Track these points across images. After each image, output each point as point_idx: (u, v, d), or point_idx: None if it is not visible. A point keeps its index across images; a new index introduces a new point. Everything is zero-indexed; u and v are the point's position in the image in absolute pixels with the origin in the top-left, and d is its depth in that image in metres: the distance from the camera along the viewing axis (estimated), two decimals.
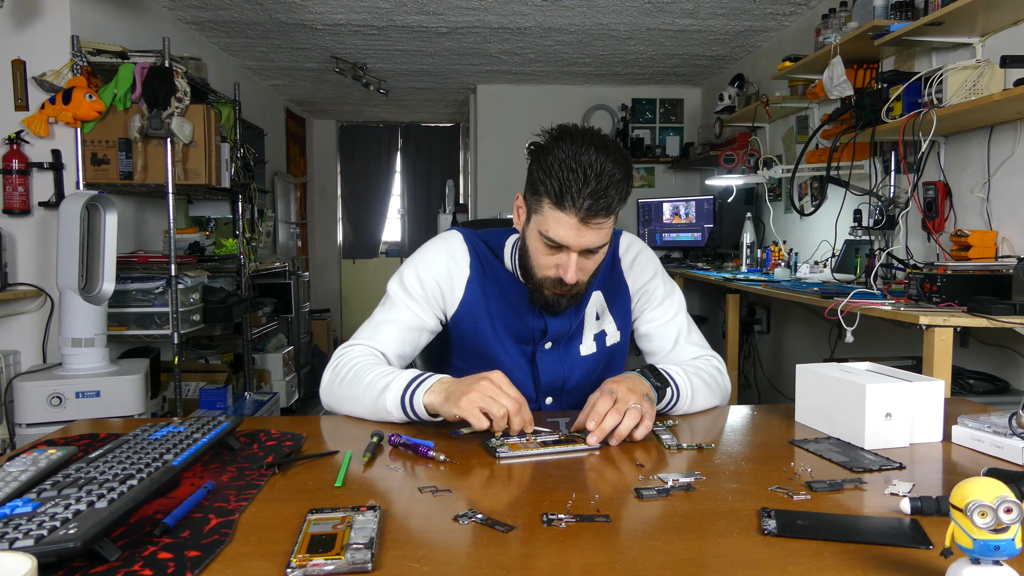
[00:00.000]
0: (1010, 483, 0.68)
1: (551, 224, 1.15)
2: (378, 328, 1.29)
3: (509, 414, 1.01)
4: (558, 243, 1.16)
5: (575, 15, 4.00)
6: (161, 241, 3.59)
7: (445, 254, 1.33)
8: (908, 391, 1.04)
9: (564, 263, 1.18)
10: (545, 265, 1.21)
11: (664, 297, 1.40)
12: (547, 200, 1.14)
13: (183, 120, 2.92)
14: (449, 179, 7.58)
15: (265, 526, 0.76)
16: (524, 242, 1.25)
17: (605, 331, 1.37)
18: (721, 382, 1.31)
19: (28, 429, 2.40)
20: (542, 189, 1.14)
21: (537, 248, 1.21)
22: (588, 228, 1.13)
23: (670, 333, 1.37)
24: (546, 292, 1.24)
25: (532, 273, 1.24)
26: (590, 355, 1.36)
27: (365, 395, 1.15)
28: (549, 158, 1.13)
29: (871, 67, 3.01)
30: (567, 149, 1.12)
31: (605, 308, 1.37)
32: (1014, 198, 2.37)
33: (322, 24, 4.14)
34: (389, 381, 1.13)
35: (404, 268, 1.34)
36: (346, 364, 1.22)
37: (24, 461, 0.86)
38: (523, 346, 1.34)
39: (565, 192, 1.11)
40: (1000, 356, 2.42)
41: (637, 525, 0.77)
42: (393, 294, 1.32)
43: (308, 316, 5.42)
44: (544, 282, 1.23)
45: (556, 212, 1.13)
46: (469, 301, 1.32)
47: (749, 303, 4.44)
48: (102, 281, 2.60)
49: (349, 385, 1.18)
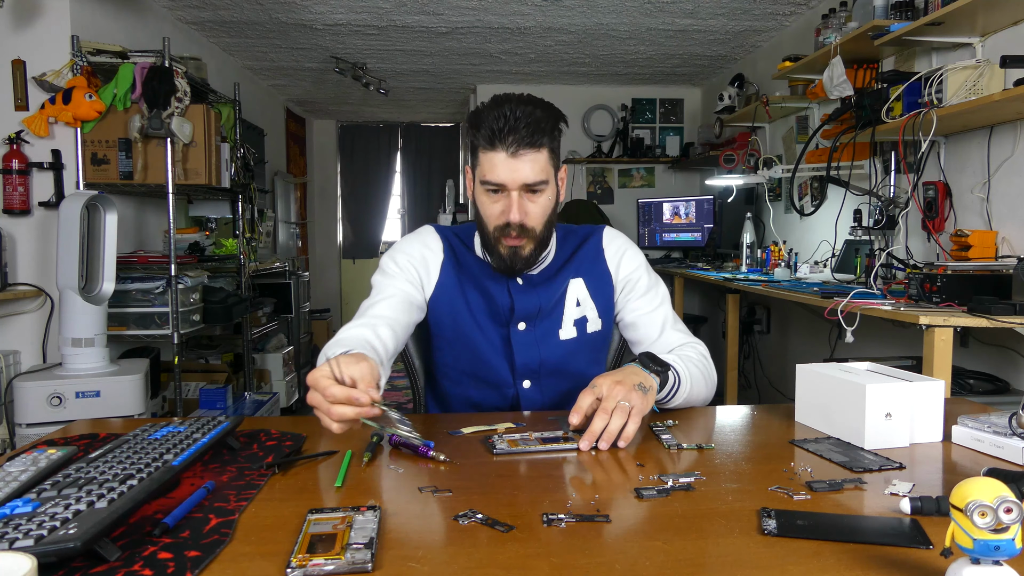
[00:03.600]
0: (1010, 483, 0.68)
1: (487, 168, 1.24)
2: (372, 306, 1.31)
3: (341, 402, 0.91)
4: (496, 184, 1.24)
5: (575, 15, 3.99)
6: (161, 241, 3.59)
7: (418, 243, 1.41)
8: (908, 391, 1.04)
9: (506, 205, 1.25)
10: (492, 214, 1.27)
11: (648, 288, 1.42)
12: (480, 149, 1.24)
13: (183, 120, 2.92)
14: (449, 179, 7.58)
15: (265, 526, 0.76)
16: (476, 209, 1.32)
17: (586, 317, 1.39)
18: (710, 371, 1.33)
19: (28, 429, 2.40)
20: (476, 142, 1.25)
21: (483, 201, 1.28)
22: (519, 161, 1.22)
23: (655, 321, 1.39)
24: (501, 250, 1.29)
25: (485, 232, 1.30)
26: (570, 339, 1.38)
27: None
28: (479, 114, 1.25)
29: (871, 67, 3.01)
30: (493, 104, 1.25)
31: (587, 296, 1.40)
32: (1014, 198, 2.37)
33: (322, 24, 4.14)
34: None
35: (382, 261, 1.42)
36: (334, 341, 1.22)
37: (24, 461, 0.86)
38: (499, 328, 1.37)
39: (493, 133, 1.21)
40: (1000, 356, 2.42)
41: (637, 525, 0.77)
42: (376, 282, 1.38)
43: (308, 316, 5.42)
44: (496, 236, 1.28)
45: (488, 154, 1.23)
46: (444, 284, 1.37)
47: (749, 303, 4.44)
48: (102, 281, 2.60)
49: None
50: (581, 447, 1.02)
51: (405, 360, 1.55)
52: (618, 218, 5.57)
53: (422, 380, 1.55)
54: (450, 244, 1.41)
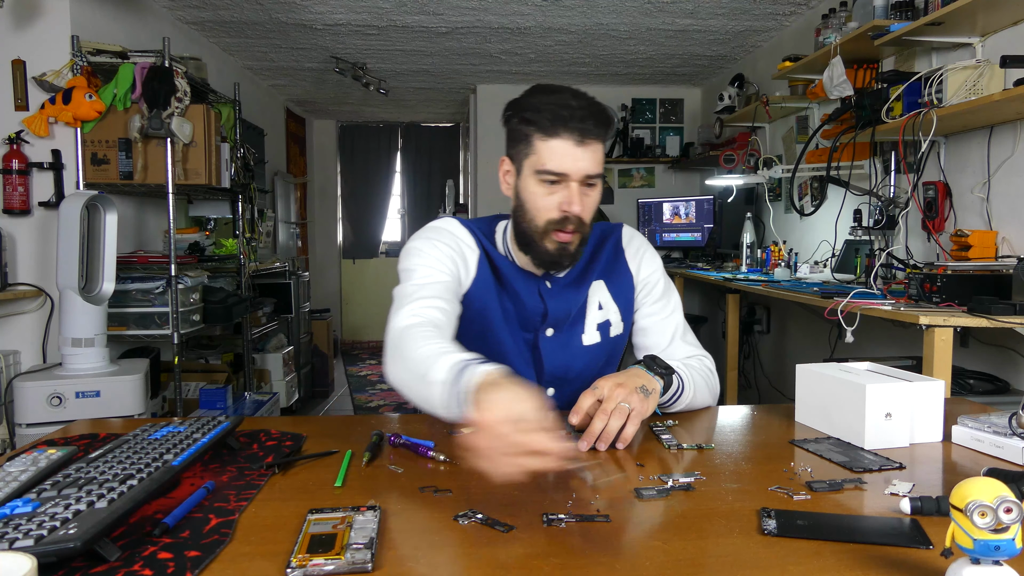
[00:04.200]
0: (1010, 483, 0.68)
1: (546, 157, 1.16)
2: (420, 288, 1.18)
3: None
4: (557, 173, 1.16)
5: (575, 15, 3.99)
6: (161, 241, 3.59)
7: (450, 235, 1.29)
8: (908, 391, 1.04)
9: (566, 196, 1.17)
10: (547, 207, 1.19)
11: (664, 293, 1.39)
12: (538, 136, 1.16)
13: (183, 120, 2.92)
14: (449, 179, 7.58)
15: (265, 526, 0.76)
16: (518, 201, 1.23)
17: (609, 321, 1.34)
18: (714, 383, 1.32)
19: (28, 429, 2.40)
20: (531, 129, 1.17)
21: (536, 192, 1.19)
22: (583, 150, 1.15)
23: (667, 329, 1.36)
24: (548, 246, 1.21)
25: (533, 226, 1.21)
26: (593, 345, 1.33)
27: (418, 385, 1.00)
28: (533, 101, 1.17)
29: (871, 67, 3.01)
30: (545, 92, 1.18)
31: (609, 297, 1.35)
32: (1014, 198, 2.37)
33: (322, 24, 4.14)
34: (428, 368, 0.97)
35: (417, 244, 1.26)
36: (398, 330, 1.10)
37: (24, 461, 0.86)
38: (525, 333, 1.31)
39: (557, 118, 1.14)
40: (1000, 356, 2.42)
41: (637, 525, 0.77)
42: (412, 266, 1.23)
43: (308, 316, 5.41)
44: (547, 229, 1.19)
45: (550, 142, 1.15)
46: (479, 282, 1.27)
47: (749, 303, 4.44)
48: (102, 281, 2.60)
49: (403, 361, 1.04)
50: (579, 447, 1.01)
51: None
52: (618, 218, 5.53)
53: None
54: (480, 241, 1.31)
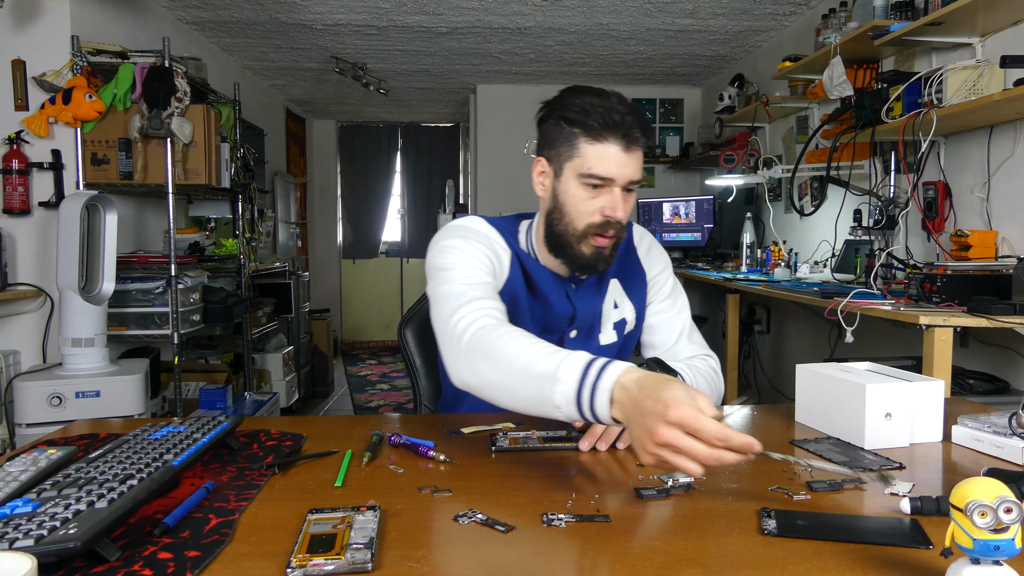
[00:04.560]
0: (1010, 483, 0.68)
1: (593, 161, 1.15)
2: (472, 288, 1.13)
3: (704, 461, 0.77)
4: (603, 178, 1.15)
5: (575, 15, 3.99)
6: (161, 241, 3.59)
7: (483, 235, 1.26)
8: (908, 391, 1.04)
9: (610, 201, 1.16)
10: (588, 211, 1.18)
11: (672, 291, 1.40)
12: (584, 139, 1.15)
13: (183, 120, 2.92)
14: (449, 179, 7.58)
15: (265, 526, 0.76)
16: (556, 203, 1.21)
17: (625, 319, 1.35)
18: (718, 384, 1.32)
19: (28, 429, 2.40)
20: (577, 131, 1.15)
21: (577, 196, 1.18)
22: (629, 156, 1.15)
23: (675, 328, 1.37)
24: (585, 250, 1.20)
25: (571, 229, 1.19)
26: (610, 344, 1.34)
27: (522, 383, 0.94)
28: (577, 102, 1.15)
29: (871, 67, 3.01)
30: (590, 94, 1.16)
31: (624, 296, 1.35)
32: (1014, 198, 2.37)
33: (322, 24, 4.14)
34: (547, 364, 0.92)
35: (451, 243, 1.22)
36: (469, 327, 1.05)
37: (24, 461, 0.86)
38: (549, 335, 1.30)
39: (605, 123, 1.13)
40: (1000, 356, 2.42)
41: (637, 525, 0.77)
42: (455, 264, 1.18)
43: (308, 316, 5.41)
44: (587, 232, 1.18)
45: (597, 146, 1.15)
46: (512, 282, 1.26)
47: (749, 303, 4.44)
48: (102, 281, 2.60)
49: (491, 360, 0.98)
50: (581, 447, 1.02)
51: (405, 359, 1.55)
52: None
53: (423, 379, 1.55)
54: (509, 241, 1.28)
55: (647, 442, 0.79)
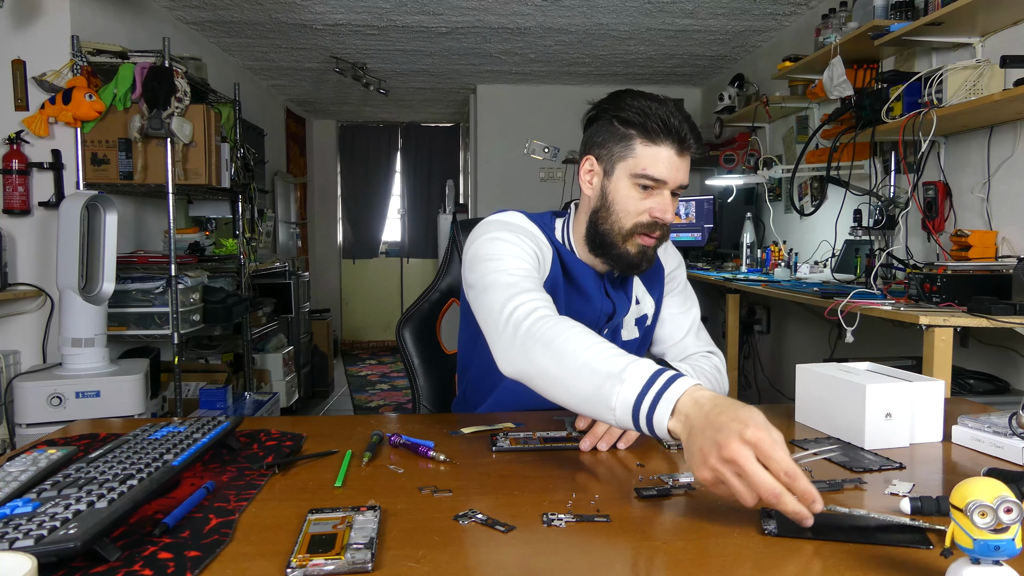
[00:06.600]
0: (1010, 483, 0.68)
1: (648, 162, 1.17)
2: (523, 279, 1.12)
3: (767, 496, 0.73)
4: (656, 180, 1.17)
5: (575, 15, 3.99)
6: (161, 241, 3.59)
7: (526, 231, 1.24)
8: (908, 391, 1.04)
9: (660, 203, 1.19)
10: (637, 211, 1.20)
11: (684, 288, 1.43)
12: (639, 140, 1.17)
13: (183, 120, 2.92)
14: (449, 179, 7.58)
15: (265, 526, 0.76)
16: (604, 201, 1.22)
17: (646, 315, 1.37)
18: (722, 382, 1.33)
19: (28, 429, 2.40)
20: (633, 132, 1.18)
21: (628, 196, 1.20)
22: (683, 161, 1.18)
23: (684, 324, 1.39)
24: (631, 248, 1.22)
25: (617, 228, 1.21)
26: (632, 340, 1.36)
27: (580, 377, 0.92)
28: (635, 104, 1.17)
29: (871, 67, 3.01)
30: (647, 99, 1.18)
31: (644, 291, 1.37)
32: (1014, 198, 2.37)
33: (322, 24, 4.14)
34: (612, 364, 0.90)
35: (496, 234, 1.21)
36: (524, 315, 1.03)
37: (24, 461, 0.86)
38: None
39: (667, 127, 1.15)
40: (1000, 356, 2.42)
41: (637, 525, 0.77)
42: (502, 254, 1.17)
43: (308, 316, 5.41)
44: (634, 231, 1.21)
45: (652, 148, 1.17)
46: (554, 278, 1.26)
47: (749, 303, 4.44)
48: (102, 281, 2.60)
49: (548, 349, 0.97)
50: (582, 447, 1.02)
51: (404, 359, 1.55)
52: None
53: (421, 379, 1.55)
54: (549, 237, 1.29)
55: (711, 455, 0.75)
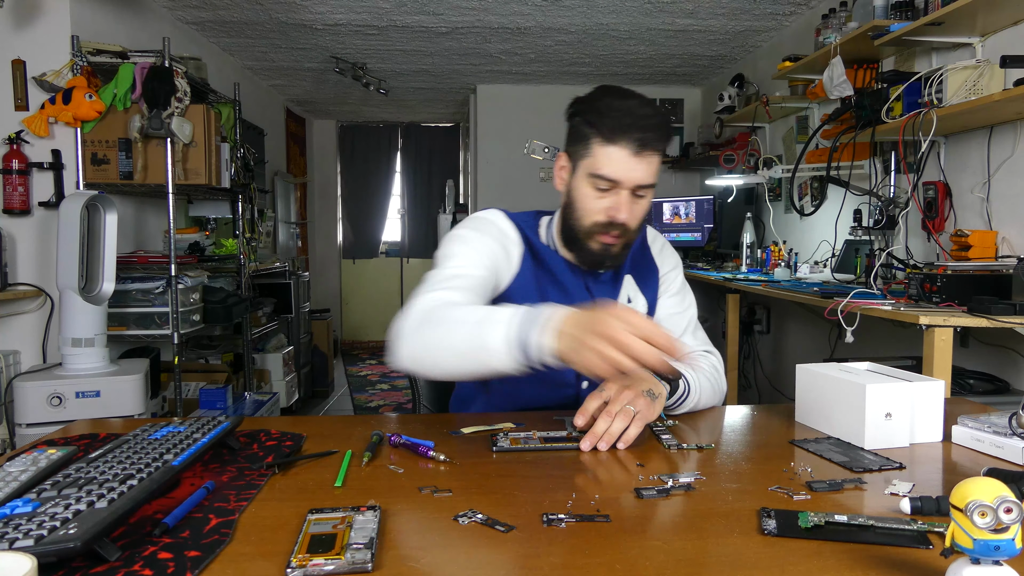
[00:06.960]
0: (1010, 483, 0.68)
1: (602, 162, 1.18)
2: (452, 279, 1.18)
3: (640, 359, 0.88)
4: (610, 180, 1.18)
5: (575, 15, 3.99)
6: (161, 241, 3.59)
7: (495, 227, 1.29)
8: (908, 391, 1.04)
9: (616, 203, 1.19)
10: (595, 210, 1.21)
11: (680, 289, 1.43)
12: (596, 140, 1.18)
13: (183, 120, 2.92)
14: (449, 179, 7.58)
15: (265, 526, 0.76)
16: (569, 199, 1.25)
17: None
18: (721, 382, 1.32)
19: (28, 429, 2.40)
20: (591, 131, 1.18)
21: (586, 194, 1.21)
22: (639, 160, 1.17)
23: (681, 323, 1.39)
24: (593, 246, 1.23)
25: (579, 225, 1.23)
26: None
27: (455, 333, 0.99)
28: (597, 104, 1.19)
29: (871, 67, 3.01)
30: (613, 96, 1.20)
31: (637, 291, 1.38)
32: (1014, 198, 2.37)
33: (322, 24, 4.14)
34: (487, 313, 0.98)
35: (459, 232, 1.27)
36: (425, 306, 1.09)
37: (24, 461, 0.86)
38: None
39: (618, 126, 1.15)
40: (1000, 356, 2.42)
41: (637, 525, 0.77)
42: (452, 252, 1.23)
43: (308, 316, 5.41)
44: (592, 230, 1.22)
45: (607, 148, 1.17)
46: (524, 275, 1.28)
47: (749, 303, 4.44)
48: (102, 281, 2.60)
49: (433, 326, 1.03)
50: (582, 447, 1.02)
51: None
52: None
53: (421, 380, 1.54)
54: (524, 233, 1.31)
55: (589, 337, 0.87)
